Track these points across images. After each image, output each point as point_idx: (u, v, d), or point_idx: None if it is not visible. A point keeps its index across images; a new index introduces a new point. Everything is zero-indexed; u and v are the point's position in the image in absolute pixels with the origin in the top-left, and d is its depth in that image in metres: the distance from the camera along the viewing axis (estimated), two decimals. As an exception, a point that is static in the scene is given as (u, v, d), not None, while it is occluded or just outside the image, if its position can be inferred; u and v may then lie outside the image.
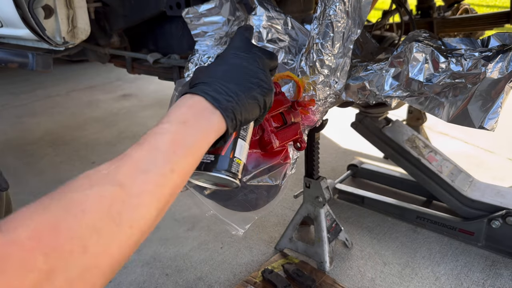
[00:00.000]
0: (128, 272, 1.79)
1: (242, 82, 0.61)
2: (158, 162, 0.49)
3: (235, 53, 0.66)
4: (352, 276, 1.70)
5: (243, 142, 0.73)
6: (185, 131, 0.53)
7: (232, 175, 0.71)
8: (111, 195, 0.43)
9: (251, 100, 0.62)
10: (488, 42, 1.17)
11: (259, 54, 0.67)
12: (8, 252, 0.34)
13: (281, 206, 2.22)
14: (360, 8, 1.11)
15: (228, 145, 0.70)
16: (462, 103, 1.09)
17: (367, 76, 1.18)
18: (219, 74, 0.61)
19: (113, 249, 0.43)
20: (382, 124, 2.09)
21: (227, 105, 0.58)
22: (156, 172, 0.48)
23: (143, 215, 0.46)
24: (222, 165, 0.69)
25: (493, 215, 1.77)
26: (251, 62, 0.65)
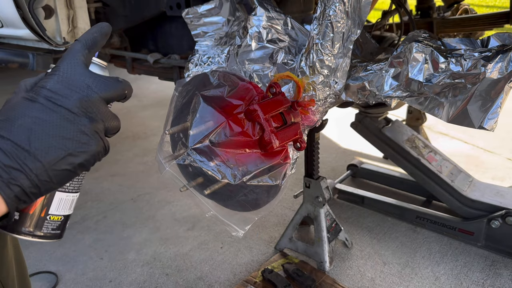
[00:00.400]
0: (128, 272, 1.79)
1: (45, 146, 0.47)
2: None
3: (49, 96, 0.49)
4: (352, 276, 1.71)
5: (64, 194, 0.62)
6: None
7: (42, 236, 0.60)
8: None
9: (56, 170, 0.48)
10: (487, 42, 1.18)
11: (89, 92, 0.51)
12: None
13: (281, 206, 2.22)
14: (360, 8, 1.11)
15: (38, 202, 0.58)
16: (462, 103, 1.09)
17: (367, 76, 1.18)
18: (15, 129, 0.46)
19: None
20: (382, 124, 2.09)
21: (12, 182, 0.45)
22: None
23: None
24: (27, 225, 0.58)
25: (493, 215, 1.77)
26: (67, 113, 0.48)
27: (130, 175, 2.65)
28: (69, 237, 2.04)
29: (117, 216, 2.20)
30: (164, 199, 2.34)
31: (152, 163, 2.79)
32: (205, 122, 0.98)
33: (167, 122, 1.11)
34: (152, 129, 3.41)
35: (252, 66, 1.21)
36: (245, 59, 1.21)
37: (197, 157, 0.96)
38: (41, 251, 1.94)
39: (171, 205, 2.28)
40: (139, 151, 2.98)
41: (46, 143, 0.46)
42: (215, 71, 1.08)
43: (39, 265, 1.86)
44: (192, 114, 1.02)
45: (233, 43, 1.25)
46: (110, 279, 1.76)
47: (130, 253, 1.91)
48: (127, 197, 2.39)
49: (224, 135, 0.95)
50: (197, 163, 0.96)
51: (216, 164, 0.96)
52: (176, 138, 1.09)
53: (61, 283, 1.75)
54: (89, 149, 0.50)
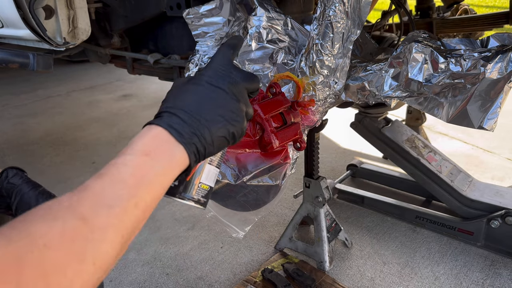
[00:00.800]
0: (128, 272, 1.79)
1: (211, 116, 0.59)
2: (122, 196, 0.48)
3: (209, 80, 0.63)
4: (351, 276, 1.71)
5: (212, 168, 0.72)
6: (148, 164, 0.52)
7: (195, 201, 0.72)
8: (74, 229, 0.41)
9: (217, 135, 0.60)
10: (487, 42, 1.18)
11: (236, 79, 0.64)
12: None
13: (281, 206, 2.22)
14: (360, 8, 1.11)
15: (194, 170, 0.70)
16: (462, 103, 1.09)
17: (367, 77, 1.19)
18: (187, 104, 0.59)
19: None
20: (382, 124, 2.09)
21: (191, 140, 0.56)
22: (120, 207, 0.47)
23: (106, 250, 0.44)
24: (186, 191, 0.70)
25: (492, 215, 1.77)
26: (223, 92, 0.62)
27: (130, 175, 2.65)
28: (69, 237, 2.04)
29: (117, 216, 2.20)
30: (164, 199, 2.33)
31: (152, 163, 2.79)
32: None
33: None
34: (152, 129, 3.41)
35: (252, 66, 1.22)
36: (245, 59, 1.22)
37: (198, 157, 0.96)
38: (42, 251, 1.94)
39: (171, 205, 2.28)
40: (139, 151, 2.98)
41: (211, 114, 0.60)
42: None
43: (40, 265, 1.86)
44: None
45: (233, 43, 1.25)
46: (110, 279, 1.76)
47: (130, 252, 1.91)
48: (127, 197, 2.39)
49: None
50: (197, 163, 0.97)
51: (216, 164, 0.97)
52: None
53: (62, 283, 1.75)
54: (239, 122, 0.63)
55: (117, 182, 0.49)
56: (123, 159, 0.52)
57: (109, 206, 0.45)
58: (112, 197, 0.47)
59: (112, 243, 0.44)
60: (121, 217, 0.46)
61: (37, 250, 0.36)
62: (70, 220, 0.41)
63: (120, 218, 0.46)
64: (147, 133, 0.55)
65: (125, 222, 0.47)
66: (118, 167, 0.51)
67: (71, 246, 0.39)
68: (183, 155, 0.56)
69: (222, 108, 0.61)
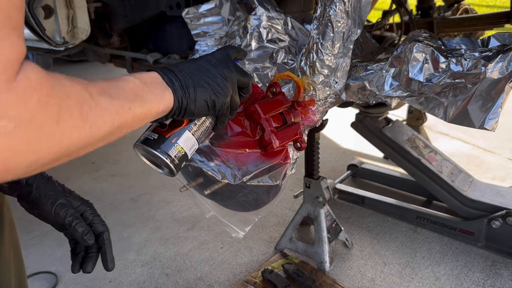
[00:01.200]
0: (128, 272, 1.79)
1: (199, 81, 0.71)
2: (121, 96, 0.58)
3: (209, 59, 0.76)
4: (352, 276, 1.70)
5: (190, 135, 0.78)
6: (145, 90, 0.63)
7: (167, 157, 0.75)
8: (84, 97, 0.51)
9: (200, 97, 0.71)
10: (488, 42, 1.18)
11: (231, 68, 0.76)
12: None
13: (281, 206, 2.22)
14: (360, 8, 1.11)
15: (174, 130, 0.76)
16: (462, 103, 1.09)
17: (367, 76, 1.18)
18: (183, 68, 0.72)
19: (71, 135, 0.49)
20: (382, 124, 2.09)
21: (178, 90, 0.68)
22: (118, 102, 0.57)
23: (99, 125, 0.53)
24: (161, 145, 0.75)
25: (493, 215, 1.77)
26: (216, 70, 0.74)
27: (130, 175, 2.65)
28: (69, 237, 2.04)
29: (117, 216, 2.20)
30: (164, 199, 2.34)
31: (152, 163, 2.79)
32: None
33: (167, 122, 1.11)
34: (152, 129, 3.41)
35: (252, 66, 1.21)
36: (245, 59, 1.21)
37: (197, 157, 0.96)
38: (41, 252, 1.94)
39: (171, 205, 2.28)
40: (139, 151, 2.97)
41: (200, 79, 0.72)
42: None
43: (39, 265, 1.85)
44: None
45: (233, 42, 1.25)
46: (110, 279, 1.76)
47: (130, 253, 1.91)
48: (127, 197, 2.39)
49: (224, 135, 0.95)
50: (197, 163, 0.96)
51: (216, 164, 0.96)
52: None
53: (61, 283, 1.75)
54: (221, 95, 0.73)
55: (121, 88, 0.59)
56: (127, 77, 0.63)
57: (111, 97, 0.56)
58: (115, 93, 0.57)
59: (105, 123, 0.55)
60: (117, 109, 0.57)
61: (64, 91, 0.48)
62: (82, 90, 0.51)
63: (116, 110, 0.56)
64: (147, 73, 0.67)
65: (118, 115, 0.57)
66: (122, 80, 0.61)
67: (81, 106, 0.50)
68: (170, 98, 0.67)
69: (210, 78, 0.73)
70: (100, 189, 2.48)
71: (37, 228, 2.12)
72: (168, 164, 0.76)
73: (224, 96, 0.74)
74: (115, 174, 2.66)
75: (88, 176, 2.64)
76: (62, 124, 0.47)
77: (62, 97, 0.47)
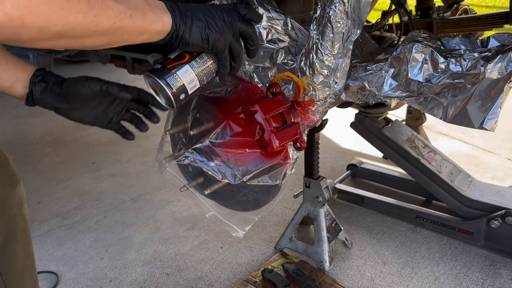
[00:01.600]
0: (128, 272, 1.79)
1: (199, 16, 0.78)
2: (125, 4, 0.65)
3: (214, 4, 0.84)
4: (351, 276, 1.71)
5: (190, 69, 0.85)
6: (147, 7, 0.70)
7: (166, 84, 0.84)
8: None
9: (195, 29, 0.77)
10: (487, 42, 1.18)
11: (233, 15, 0.83)
12: None
13: (281, 206, 2.22)
14: (360, 8, 1.11)
15: (176, 63, 0.85)
16: (462, 103, 1.09)
17: (367, 77, 1.19)
18: (188, 5, 0.79)
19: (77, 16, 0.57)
20: (382, 124, 2.09)
21: (177, 16, 0.75)
22: (121, 7, 0.64)
23: (102, 19, 0.61)
24: (162, 73, 0.85)
25: (493, 215, 1.77)
26: (217, 12, 0.81)
27: (130, 175, 2.66)
28: (69, 237, 2.04)
29: (118, 216, 2.21)
30: (164, 199, 2.34)
31: (152, 163, 2.79)
32: (205, 122, 0.99)
33: (167, 122, 1.12)
34: (152, 129, 3.40)
35: (252, 66, 1.22)
36: (245, 59, 1.22)
37: (197, 157, 0.96)
38: (42, 251, 1.95)
39: (171, 205, 2.28)
40: (140, 151, 2.98)
41: (199, 14, 0.78)
42: (215, 71, 1.08)
43: (40, 264, 1.86)
44: (193, 114, 1.03)
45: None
46: (110, 279, 1.76)
47: (131, 252, 1.92)
48: (127, 197, 2.40)
49: (224, 135, 0.96)
50: (197, 163, 0.97)
51: (216, 164, 0.97)
52: (177, 138, 1.09)
53: (62, 283, 1.75)
54: (216, 32, 0.79)
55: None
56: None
57: (116, 1, 0.63)
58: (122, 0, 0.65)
59: (108, 19, 0.62)
60: (120, 11, 0.64)
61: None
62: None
63: (119, 11, 0.63)
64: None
65: (120, 17, 0.64)
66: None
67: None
68: (168, 21, 0.73)
69: (208, 16, 0.79)
70: (100, 189, 2.49)
71: (38, 228, 2.13)
72: (166, 90, 0.85)
73: (218, 32, 0.80)
74: (115, 174, 2.67)
75: (88, 176, 2.64)
76: (72, 3, 0.56)
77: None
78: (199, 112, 1.01)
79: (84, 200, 2.37)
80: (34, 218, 2.21)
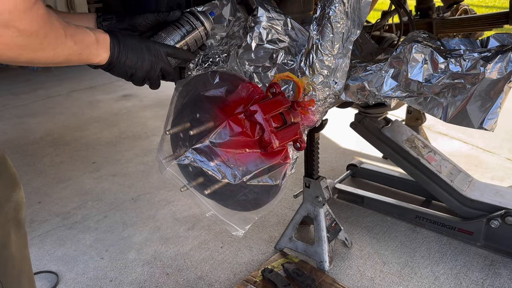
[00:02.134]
0: (128, 272, 1.80)
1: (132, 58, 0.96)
2: (80, 44, 0.82)
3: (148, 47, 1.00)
4: (351, 276, 1.71)
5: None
6: (95, 46, 0.87)
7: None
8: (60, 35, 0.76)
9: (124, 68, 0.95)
10: (487, 42, 1.18)
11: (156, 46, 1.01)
12: None
13: (281, 205, 2.22)
14: (360, 9, 1.11)
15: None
16: (461, 103, 1.09)
17: (367, 77, 1.19)
18: (129, 43, 0.96)
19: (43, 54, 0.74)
20: (381, 125, 2.10)
21: (114, 57, 0.92)
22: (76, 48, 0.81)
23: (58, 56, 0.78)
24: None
25: (492, 215, 1.77)
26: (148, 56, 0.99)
27: (130, 175, 2.66)
28: (69, 237, 2.05)
29: (118, 215, 2.21)
30: (164, 199, 2.35)
31: (152, 163, 2.80)
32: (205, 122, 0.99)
33: (167, 122, 1.12)
34: (152, 129, 3.41)
35: (252, 67, 1.22)
36: (245, 59, 1.22)
37: (197, 157, 0.97)
38: (42, 251, 1.95)
39: (171, 205, 2.29)
40: (140, 151, 2.98)
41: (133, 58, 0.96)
42: (215, 71, 1.09)
43: (40, 264, 1.86)
44: (193, 114, 1.03)
45: (233, 43, 1.26)
46: (110, 279, 1.76)
47: (131, 252, 1.92)
48: (127, 197, 2.40)
49: (224, 135, 0.96)
50: (197, 163, 0.97)
51: (216, 164, 0.97)
52: (177, 138, 1.09)
53: (62, 283, 1.76)
54: (139, 72, 0.98)
55: (82, 38, 0.83)
56: (89, 33, 0.86)
57: (75, 42, 0.80)
58: (78, 40, 0.81)
59: (63, 55, 0.79)
60: (74, 51, 0.81)
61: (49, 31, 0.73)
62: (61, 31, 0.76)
63: (73, 51, 0.81)
64: (103, 35, 0.90)
65: (72, 55, 0.81)
66: (86, 33, 0.85)
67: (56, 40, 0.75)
68: (105, 59, 0.91)
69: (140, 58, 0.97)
70: (100, 189, 2.49)
71: (38, 228, 2.13)
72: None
73: (140, 74, 0.99)
74: (115, 174, 2.67)
75: (88, 175, 2.64)
76: (41, 46, 0.72)
77: (50, 31, 0.72)
78: (199, 112, 1.01)
79: (84, 200, 2.37)
80: (34, 218, 2.22)
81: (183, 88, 1.12)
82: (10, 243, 0.88)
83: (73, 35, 0.79)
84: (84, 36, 0.84)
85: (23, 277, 0.92)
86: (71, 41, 0.79)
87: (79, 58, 0.84)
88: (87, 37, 0.85)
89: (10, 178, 0.95)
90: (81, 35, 0.83)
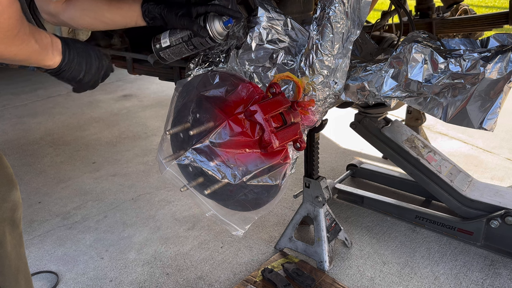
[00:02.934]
0: (128, 272, 1.80)
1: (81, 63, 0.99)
2: (40, 45, 0.84)
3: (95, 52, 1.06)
4: (351, 275, 1.71)
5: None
6: (51, 48, 0.89)
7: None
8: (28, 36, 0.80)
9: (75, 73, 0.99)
10: (487, 42, 1.18)
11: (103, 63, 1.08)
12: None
13: (281, 205, 2.22)
14: (360, 9, 1.11)
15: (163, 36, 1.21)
16: (461, 103, 1.10)
17: (366, 77, 1.19)
18: (79, 50, 0.99)
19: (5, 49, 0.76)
20: (381, 125, 2.10)
21: (65, 62, 0.95)
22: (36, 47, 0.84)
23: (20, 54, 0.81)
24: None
25: (492, 215, 1.77)
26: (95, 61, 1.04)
27: (130, 175, 2.66)
28: (69, 237, 2.05)
29: (118, 215, 2.21)
30: (164, 199, 2.35)
31: (152, 163, 2.80)
32: (205, 122, 0.99)
33: (167, 122, 1.12)
34: (152, 129, 3.41)
35: (252, 67, 1.22)
36: (246, 59, 1.22)
37: (197, 157, 0.97)
38: (42, 251, 1.95)
39: (171, 205, 2.29)
40: (140, 151, 2.98)
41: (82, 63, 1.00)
42: (215, 71, 1.09)
43: (40, 264, 1.86)
44: (193, 114, 1.03)
45: (233, 43, 1.26)
46: (110, 279, 1.76)
47: (131, 252, 1.92)
48: (127, 197, 2.40)
49: (224, 135, 0.96)
50: (197, 163, 0.97)
51: (216, 164, 0.97)
52: (177, 138, 1.09)
53: (62, 283, 1.76)
54: (87, 77, 1.02)
55: (41, 39, 0.85)
56: (45, 35, 0.88)
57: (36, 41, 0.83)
58: (37, 39, 0.84)
59: (24, 54, 0.82)
60: (33, 51, 0.83)
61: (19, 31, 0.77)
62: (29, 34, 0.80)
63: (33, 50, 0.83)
64: (56, 39, 0.92)
65: (31, 54, 0.84)
66: (43, 34, 0.87)
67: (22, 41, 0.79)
68: (58, 62, 0.93)
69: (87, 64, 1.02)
70: (100, 189, 2.49)
71: (38, 227, 2.13)
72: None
73: (88, 78, 1.03)
74: (115, 174, 2.67)
75: (88, 175, 2.64)
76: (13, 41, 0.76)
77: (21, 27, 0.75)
78: (199, 112, 1.01)
79: (84, 200, 2.37)
80: (34, 218, 2.22)
81: (183, 88, 1.12)
82: (5, 242, 0.89)
83: (34, 34, 0.83)
84: (43, 37, 0.87)
85: (20, 276, 0.92)
86: (33, 39, 0.82)
87: (37, 58, 0.87)
88: (45, 38, 0.87)
89: (7, 178, 0.96)
90: (40, 35, 0.86)
